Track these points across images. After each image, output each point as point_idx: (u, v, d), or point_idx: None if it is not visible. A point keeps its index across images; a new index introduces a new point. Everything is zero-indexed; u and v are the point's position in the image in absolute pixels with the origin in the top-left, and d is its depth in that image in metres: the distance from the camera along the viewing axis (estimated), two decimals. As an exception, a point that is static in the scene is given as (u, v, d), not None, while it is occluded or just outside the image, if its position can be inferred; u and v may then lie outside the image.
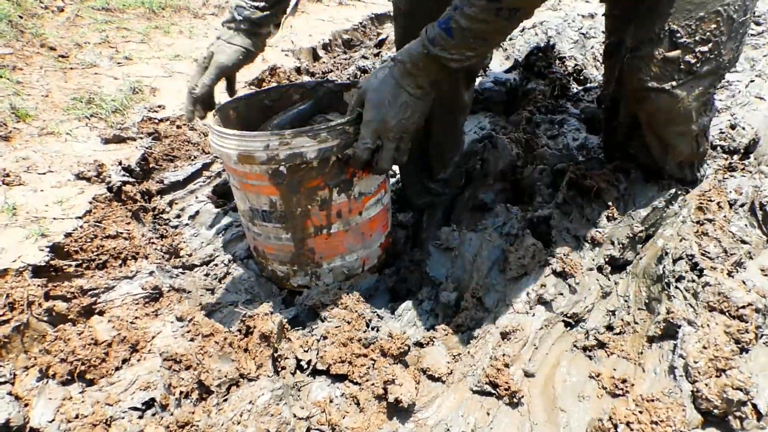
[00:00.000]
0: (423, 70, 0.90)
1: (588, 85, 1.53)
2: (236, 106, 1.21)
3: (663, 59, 0.99)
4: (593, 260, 1.08)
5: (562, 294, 0.99)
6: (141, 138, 1.47)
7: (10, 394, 0.86)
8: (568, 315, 0.98)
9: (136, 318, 1.02)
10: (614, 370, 0.90)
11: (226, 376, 0.87)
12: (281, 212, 1.03)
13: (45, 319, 0.97)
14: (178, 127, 1.56)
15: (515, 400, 0.85)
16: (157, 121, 1.55)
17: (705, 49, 0.96)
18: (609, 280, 1.06)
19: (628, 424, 0.76)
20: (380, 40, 1.91)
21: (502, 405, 0.85)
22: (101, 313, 1.03)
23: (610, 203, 1.09)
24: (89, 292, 1.05)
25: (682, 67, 0.98)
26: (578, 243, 1.09)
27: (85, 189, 1.24)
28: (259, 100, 1.26)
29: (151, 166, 1.43)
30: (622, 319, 1.00)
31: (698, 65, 0.98)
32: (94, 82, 1.70)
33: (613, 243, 1.08)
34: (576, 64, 1.56)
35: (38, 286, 0.99)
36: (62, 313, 0.98)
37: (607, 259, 1.08)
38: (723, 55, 0.98)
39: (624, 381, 0.85)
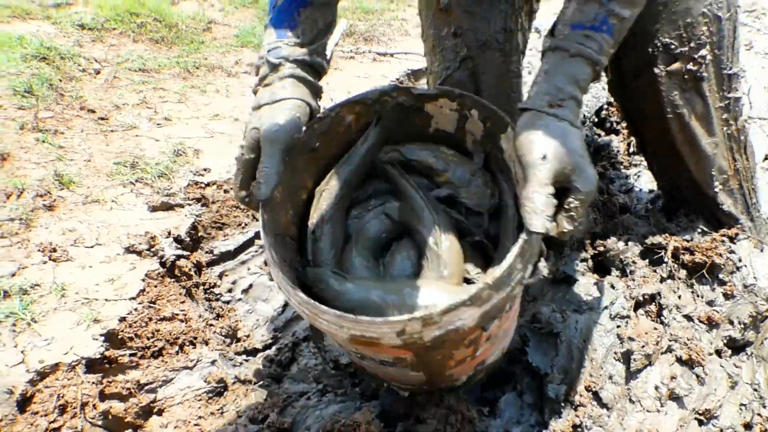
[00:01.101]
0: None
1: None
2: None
3: (667, 75, 0.98)
4: (711, 343, 0.96)
5: (690, 386, 0.87)
6: (189, 204, 1.38)
7: None
8: (700, 411, 0.85)
9: (200, 418, 0.90)
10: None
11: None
12: (412, 363, 0.78)
13: (100, 423, 0.85)
14: (225, 191, 1.48)
15: None
16: (203, 185, 1.48)
17: (704, 52, 0.96)
18: (733, 366, 0.94)
19: None
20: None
21: None
22: (161, 412, 0.91)
23: (726, 279, 0.98)
24: (146, 387, 0.93)
25: (686, 77, 0.98)
26: (691, 324, 0.97)
27: (137, 264, 1.14)
28: (301, 146, 0.90)
29: (200, 235, 1.33)
30: (760, 414, 0.87)
31: (701, 71, 0.97)
32: (135, 145, 1.64)
33: (732, 323, 0.96)
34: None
35: (92, 383, 0.87)
36: (119, 415, 0.86)
37: (725, 341, 0.96)
38: (722, 54, 0.98)
39: None
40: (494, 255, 0.83)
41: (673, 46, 0.96)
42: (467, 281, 0.82)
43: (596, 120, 1.64)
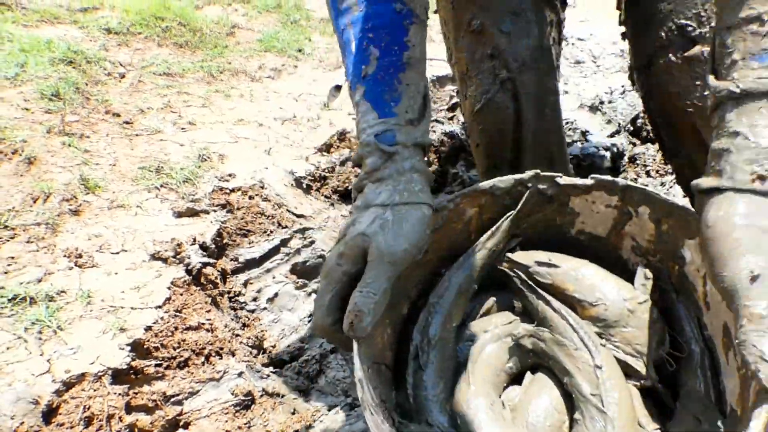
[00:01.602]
0: None
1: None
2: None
3: (684, 61, 0.82)
4: None
5: None
6: (214, 210, 1.36)
7: None
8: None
9: (227, 432, 0.87)
10: None
11: None
12: None
13: (126, 437, 0.82)
14: (251, 197, 1.46)
15: None
16: (228, 191, 1.46)
17: None
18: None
19: None
20: (453, 104, 1.83)
21: None
22: (187, 425, 0.88)
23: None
24: (172, 399, 0.90)
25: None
26: None
27: (162, 271, 1.12)
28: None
29: (225, 242, 1.31)
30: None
31: None
32: (160, 149, 1.63)
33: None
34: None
35: (118, 394, 0.85)
36: (145, 429, 0.84)
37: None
38: None
39: None
40: (673, 402, 0.64)
41: (690, 28, 0.83)
42: None
43: (632, 129, 1.60)
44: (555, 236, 0.74)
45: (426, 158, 0.67)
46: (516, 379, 0.71)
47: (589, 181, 0.67)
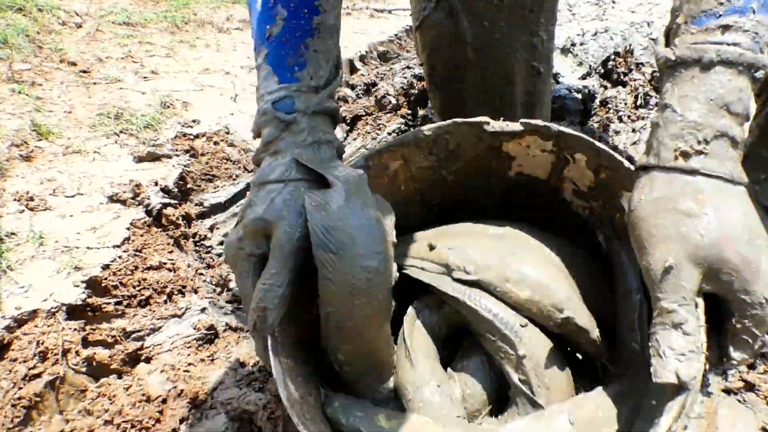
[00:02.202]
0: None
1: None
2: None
3: None
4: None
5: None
6: (177, 155, 1.31)
7: (45, 470, 0.69)
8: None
9: (190, 365, 0.85)
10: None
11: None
12: None
13: (84, 370, 0.80)
14: (216, 143, 1.41)
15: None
16: (192, 137, 1.40)
17: None
18: None
19: None
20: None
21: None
22: (148, 360, 0.86)
23: None
24: (133, 335, 0.88)
25: None
26: None
27: (121, 213, 1.08)
28: None
29: (189, 186, 1.27)
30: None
31: None
32: (120, 97, 1.56)
33: None
34: (654, 71, 1.43)
35: (74, 330, 0.83)
36: (104, 362, 0.82)
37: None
38: None
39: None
40: (608, 364, 0.64)
41: None
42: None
43: (603, 71, 1.57)
44: (493, 179, 0.71)
45: (334, 127, 0.61)
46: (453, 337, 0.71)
47: (518, 127, 0.63)
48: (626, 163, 0.55)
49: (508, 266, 0.64)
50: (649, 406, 0.51)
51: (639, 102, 1.38)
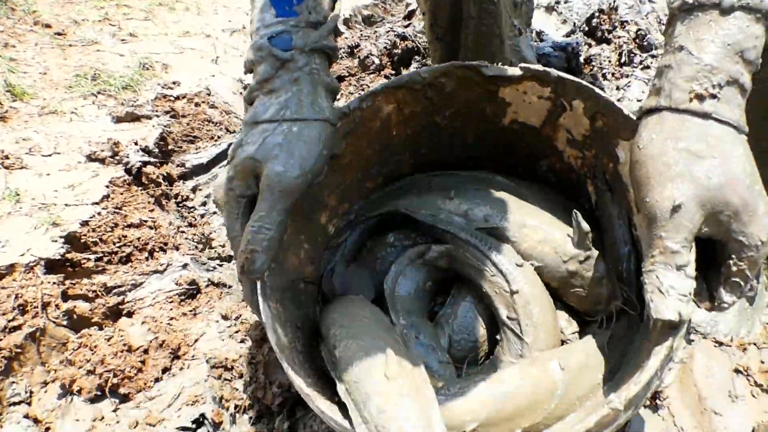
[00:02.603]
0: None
1: (654, 51, 1.38)
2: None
3: None
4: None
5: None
6: (157, 116, 1.29)
7: (26, 417, 0.69)
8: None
9: (172, 319, 0.85)
10: (762, 362, 0.75)
11: (288, 391, 0.70)
12: None
13: (64, 323, 0.80)
14: (197, 105, 1.39)
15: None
16: (172, 98, 1.38)
17: None
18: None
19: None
20: (410, 11, 1.75)
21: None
22: (130, 314, 0.86)
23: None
24: (114, 290, 0.87)
25: None
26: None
27: (100, 171, 1.06)
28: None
29: (170, 147, 1.25)
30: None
31: None
32: (97, 59, 1.52)
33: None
34: (638, 29, 1.42)
35: (53, 284, 0.82)
36: (85, 315, 0.81)
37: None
38: None
39: (785, 374, 0.70)
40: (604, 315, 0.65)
41: None
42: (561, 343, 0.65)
43: (587, 29, 1.55)
44: (486, 127, 0.70)
45: (329, 66, 0.59)
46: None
47: (518, 71, 0.62)
48: (625, 111, 0.55)
49: (522, 214, 0.67)
50: (635, 351, 0.53)
51: (623, 60, 1.37)
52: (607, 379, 0.55)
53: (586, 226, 0.62)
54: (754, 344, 0.84)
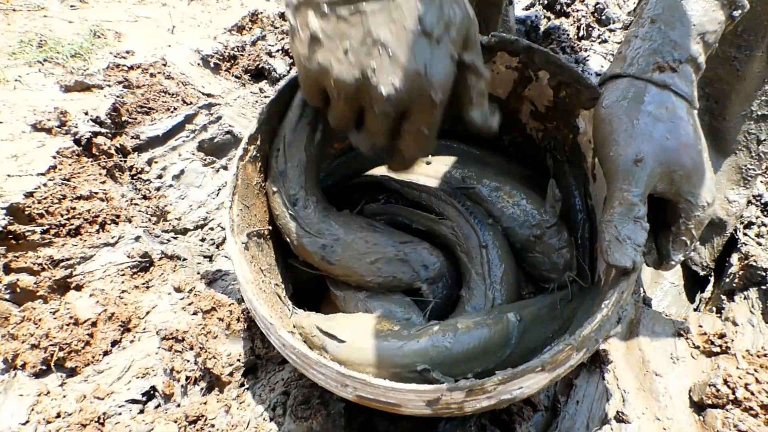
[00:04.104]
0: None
1: (612, 26, 1.40)
2: None
3: None
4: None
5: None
6: (109, 86, 1.24)
7: (-34, 392, 0.67)
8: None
9: (124, 292, 0.83)
10: (700, 326, 0.79)
11: (238, 361, 0.70)
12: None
13: (7, 297, 0.77)
14: (152, 75, 1.33)
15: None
16: (126, 68, 1.32)
17: None
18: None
19: (746, 386, 0.65)
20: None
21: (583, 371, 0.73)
22: (79, 287, 0.83)
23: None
24: (62, 263, 0.84)
25: None
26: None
27: (46, 142, 1.02)
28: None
29: (123, 119, 1.20)
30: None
31: None
32: (43, 26, 1.44)
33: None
34: (597, 3, 1.43)
35: (-6, 256, 0.78)
36: (29, 289, 0.78)
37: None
38: None
39: (722, 336, 0.74)
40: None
41: None
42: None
43: (546, 2, 1.56)
44: (451, 95, 0.71)
45: None
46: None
47: (489, 39, 0.62)
48: (589, 80, 0.57)
49: (495, 179, 0.70)
50: (585, 310, 0.55)
51: (582, 33, 1.39)
52: (558, 335, 0.57)
53: (558, 193, 0.64)
54: (695, 310, 0.88)
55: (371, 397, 0.46)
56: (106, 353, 0.73)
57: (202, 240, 1.00)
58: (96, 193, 0.96)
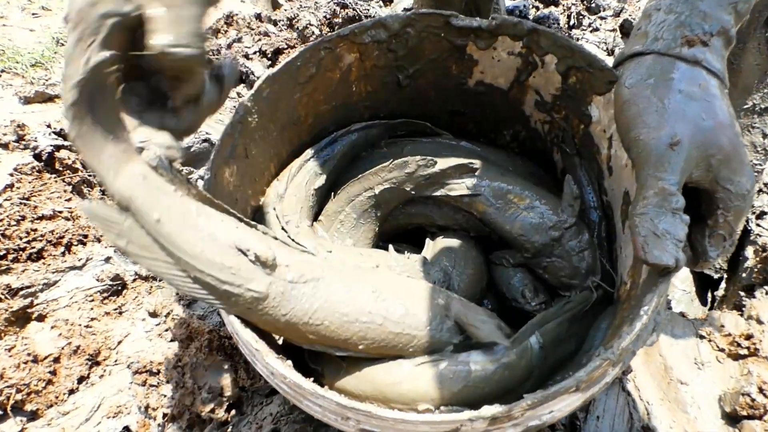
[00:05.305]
0: None
1: (602, 13, 1.35)
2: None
3: None
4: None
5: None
6: (73, 96, 1.15)
7: None
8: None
9: (93, 320, 0.75)
10: (722, 326, 0.73)
11: (221, 396, 0.62)
12: None
13: (-44, 333, 0.69)
14: (121, 83, 1.25)
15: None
16: (92, 76, 1.24)
17: None
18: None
19: (783, 390, 0.59)
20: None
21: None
22: (41, 318, 0.75)
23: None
24: (21, 292, 0.76)
25: None
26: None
27: (2, 158, 0.93)
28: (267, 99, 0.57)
29: (90, 130, 1.12)
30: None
31: None
32: (2, 35, 1.35)
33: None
34: (588, -9, 1.38)
35: (-58, 288, 0.70)
36: (-18, 322, 0.70)
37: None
38: None
39: (749, 337, 0.68)
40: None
41: None
42: (521, 311, 0.61)
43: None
44: (450, 87, 0.65)
45: None
46: None
47: (489, 23, 0.57)
48: (603, 62, 0.51)
49: (503, 181, 0.62)
50: (606, 317, 0.48)
51: (572, 22, 1.34)
52: (573, 354, 0.50)
53: (576, 190, 0.58)
54: (714, 309, 0.83)
55: (377, 431, 0.40)
56: (71, 392, 0.65)
57: (180, 257, 0.93)
58: (60, 212, 0.88)
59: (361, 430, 0.40)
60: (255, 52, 1.40)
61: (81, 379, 0.66)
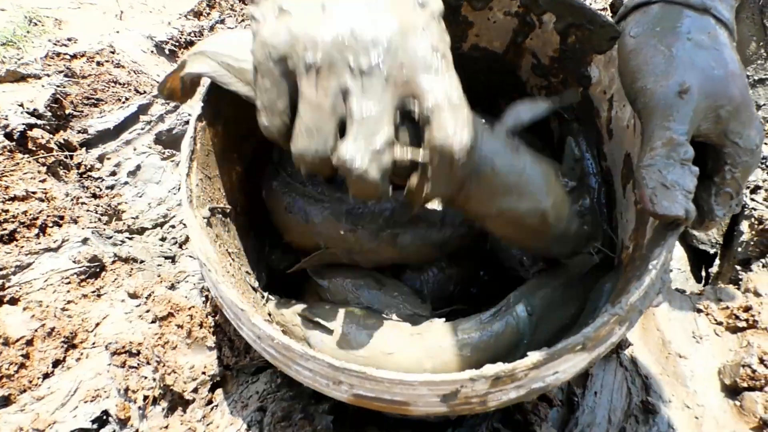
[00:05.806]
0: None
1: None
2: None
3: None
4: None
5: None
6: (48, 76, 1.11)
7: None
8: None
9: (69, 302, 0.72)
10: (719, 300, 0.72)
11: (203, 374, 0.60)
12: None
13: None
14: (99, 64, 1.21)
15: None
16: (68, 56, 1.19)
17: None
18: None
19: (784, 361, 0.58)
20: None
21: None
22: (14, 301, 0.71)
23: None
24: (-8, 274, 0.72)
25: None
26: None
27: (-28, 138, 0.89)
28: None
29: (67, 111, 1.08)
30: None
31: None
32: (-28, 14, 1.29)
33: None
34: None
35: None
36: (-51, 306, 0.66)
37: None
38: None
39: (747, 309, 0.67)
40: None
41: None
42: (515, 275, 0.58)
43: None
44: None
45: None
46: None
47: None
48: (605, 17, 0.48)
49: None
50: (608, 281, 0.47)
51: None
52: (575, 320, 0.48)
53: (577, 152, 0.57)
54: (709, 284, 0.82)
55: (372, 395, 0.37)
56: (46, 376, 0.62)
57: (163, 239, 0.89)
58: (34, 192, 0.84)
59: (354, 396, 0.37)
60: (239, 33, 1.35)
61: (56, 363, 0.63)
